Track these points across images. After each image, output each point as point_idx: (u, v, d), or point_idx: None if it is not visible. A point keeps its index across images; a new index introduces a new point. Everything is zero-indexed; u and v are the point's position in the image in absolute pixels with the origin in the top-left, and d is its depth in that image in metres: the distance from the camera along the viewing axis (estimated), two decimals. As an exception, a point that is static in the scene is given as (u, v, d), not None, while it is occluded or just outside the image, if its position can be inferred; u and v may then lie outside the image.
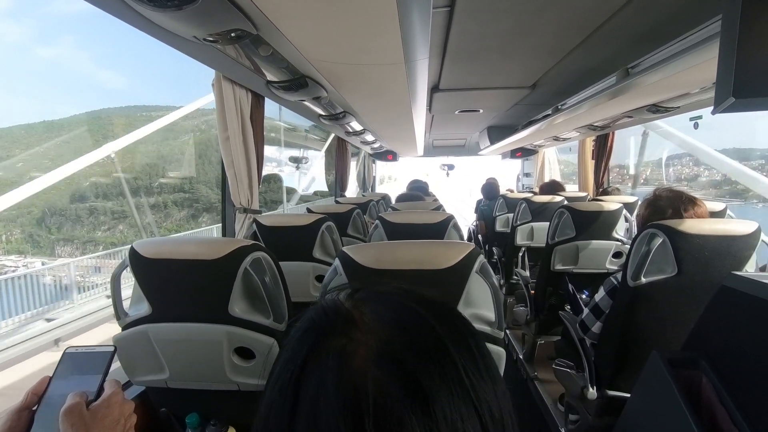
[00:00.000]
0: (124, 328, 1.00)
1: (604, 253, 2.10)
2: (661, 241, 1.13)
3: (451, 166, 6.63)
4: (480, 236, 3.99)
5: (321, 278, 1.59)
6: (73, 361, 0.51)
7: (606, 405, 1.33)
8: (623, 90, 1.64)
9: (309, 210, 2.08)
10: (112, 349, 0.53)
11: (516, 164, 5.90)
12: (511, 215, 3.19)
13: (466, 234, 4.67)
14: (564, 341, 1.68)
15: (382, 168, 7.04)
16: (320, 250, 1.67)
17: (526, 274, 2.68)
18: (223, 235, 1.89)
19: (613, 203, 2.10)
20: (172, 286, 0.96)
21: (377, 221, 1.50)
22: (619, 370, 1.30)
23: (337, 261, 0.83)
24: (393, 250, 0.86)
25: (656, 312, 1.18)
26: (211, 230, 9.79)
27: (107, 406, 0.48)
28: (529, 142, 4.26)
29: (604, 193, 3.15)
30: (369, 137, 3.46)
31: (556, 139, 3.72)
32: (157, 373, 1.03)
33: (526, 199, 2.86)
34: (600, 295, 1.37)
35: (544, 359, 2.28)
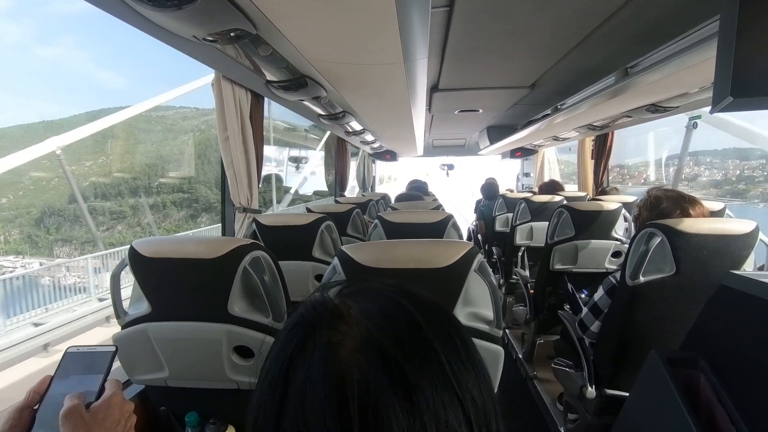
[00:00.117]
0: (123, 327, 1.01)
1: (603, 252, 2.10)
2: (659, 240, 1.13)
3: (451, 166, 6.62)
4: (479, 236, 3.99)
5: (320, 277, 1.60)
6: (74, 361, 0.51)
7: (605, 404, 1.34)
8: (622, 90, 1.64)
9: (308, 209, 2.08)
10: (114, 349, 0.53)
11: (516, 164, 5.90)
12: (510, 215, 3.19)
13: (466, 234, 4.67)
14: (563, 340, 1.68)
15: (382, 168, 7.02)
16: (320, 249, 1.67)
17: (526, 273, 2.68)
18: (223, 235, 1.89)
19: (612, 203, 2.10)
20: (171, 285, 0.97)
21: (376, 220, 1.50)
22: (618, 370, 1.30)
23: (336, 260, 0.83)
24: (391, 249, 0.86)
25: (655, 311, 1.19)
26: (210, 231, 9.71)
27: (107, 407, 0.48)
28: (529, 141, 4.26)
29: (603, 192, 3.15)
30: (369, 137, 3.46)
31: (556, 139, 3.72)
32: (157, 372, 1.03)
33: (526, 199, 2.86)
34: (599, 294, 1.37)
35: (544, 358, 2.28)
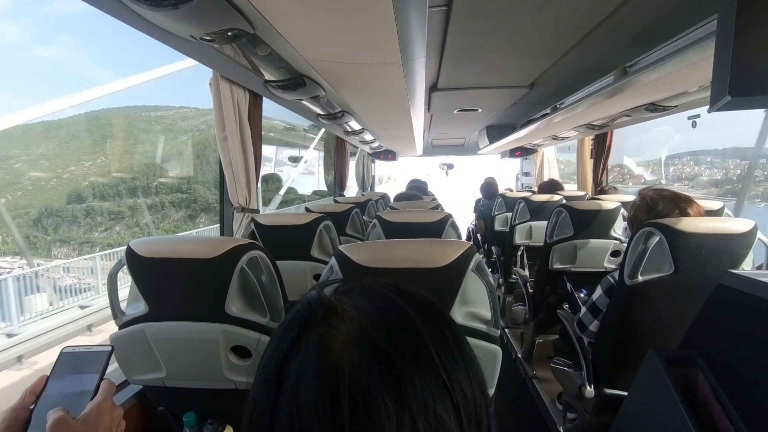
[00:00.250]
0: (120, 327, 1.01)
1: (602, 251, 2.10)
2: (657, 239, 1.13)
3: (451, 166, 6.62)
4: (479, 235, 3.99)
5: (319, 277, 1.59)
6: (69, 361, 0.51)
7: (603, 403, 1.34)
8: (621, 89, 1.64)
9: (307, 209, 2.08)
10: (109, 348, 0.52)
11: (515, 163, 5.90)
12: (509, 214, 3.19)
13: (465, 233, 4.67)
14: (562, 340, 1.68)
15: (382, 168, 7.00)
16: (318, 249, 1.67)
17: (525, 273, 2.68)
18: (222, 234, 1.89)
19: (611, 202, 2.10)
20: (168, 285, 0.96)
21: (375, 220, 1.50)
22: (617, 369, 1.30)
23: (334, 260, 0.83)
24: (389, 249, 0.86)
25: (653, 310, 1.19)
26: (210, 231, 9.62)
27: (97, 414, 0.47)
28: (528, 141, 4.26)
29: (602, 192, 3.15)
30: (368, 136, 3.45)
31: (555, 138, 3.72)
32: (154, 372, 1.03)
33: (525, 199, 2.86)
34: (597, 294, 1.37)
35: (543, 358, 2.28)
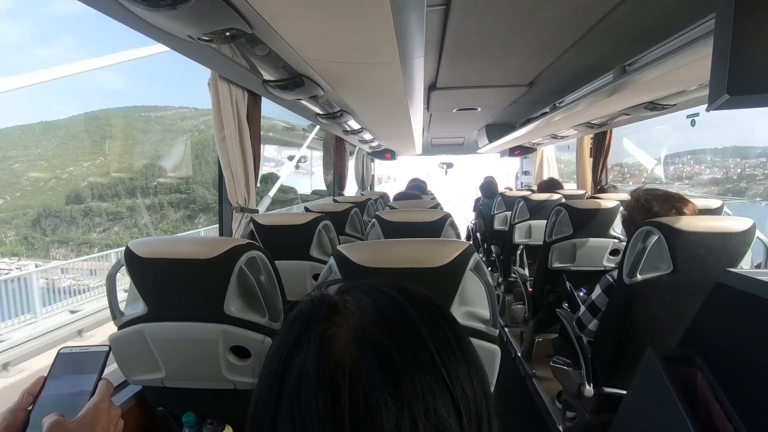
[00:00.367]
0: (119, 328, 1.01)
1: (601, 250, 2.10)
2: (656, 238, 1.13)
3: (450, 165, 6.61)
4: (478, 234, 3.99)
5: (318, 277, 1.59)
6: (67, 361, 0.51)
7: (603, 402, 1.34)
8: (620, 87, 1.64)
9: (307, 209, 2.08)
10: (107, 349, 0.52)
11: (515, 162, 5.90)
12: (509, 213, 3.19)
13: (465, 232, 4.67)
14: (561, 339, 1.68)
15: (382, 168, 6.98)
16: (317, 249, 1.67)
17: (524, 272, 2.68)
18: (221, 234, 1.89)
19: (610, 201, 2.10)
20: (167, 286, 0.96)
21: (374, 220, 1.50)
22: (616, 368, 1.30)
23: (332, 260, 0.83)
24: (388, 249, 0.86)
25: (652, 309, 1.19)
26: (209, 232, 9.53)
27: (93, 414, 0.46)
28: (528, 140, 4.26)
29: (602, 190, 3.15)
30: (367, 136, 3.45)
31: (554, 137, 3.72)
32: (154, 372, 1.03)
33: (524, 197, 2.86)
34: (596, 292, 1.37)
35: (542, 357, 2.28)
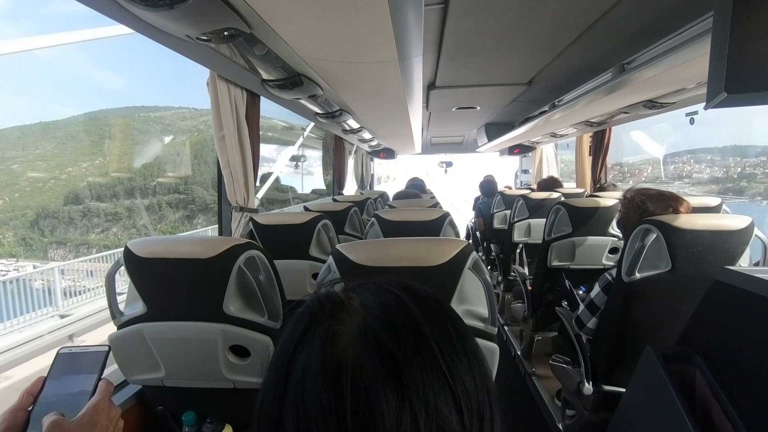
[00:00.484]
0: (119, 328, 1.01)
1: (600, 248, 2.10)
2: (654, 236, 1.13)
3: (450, 164, 6.60)
4: (478, 233, 3.99)
5: (317, 276, 1.59)
6: (67, 362, 0.51)
7: (602, 400, 1.34)
8: (619, 86, 1.64)
9: (306, 208, 2.08)
10: (106, 348, 0.53)
11: (514, 161, 5.90)
12: (508, 212, 3.19)
13: (464, 231, 4.67)
14: (561, 337, 1.68)
15: (381, 167, 6.96)
16: (317, 248, 1.67)
17: (524, 270, 2.68)
18: (220, 234, 1.89)
19: (609, 199, 2.10)
20: (166, 285, 0.96)
21: (373, 219, 1.49)
22: (615, 366, 1.31)
23: (331, 259, 0.83)
24: (386, 248, 0.86)
25: (651, 307, 1.19)
26: (208, 232, 9.49)
27: (93, 414, 0.46)
28: (527, 138, 4.26)
29: (601, 189, 3.15)
30: (366, 135, 3.45)
31: (554, 136, 3.72)
32: (153, 371, 1.03)
33: (524, 196, 2.86)
34: (595, 291, 1.37)
35: (542, 355, 2.28)
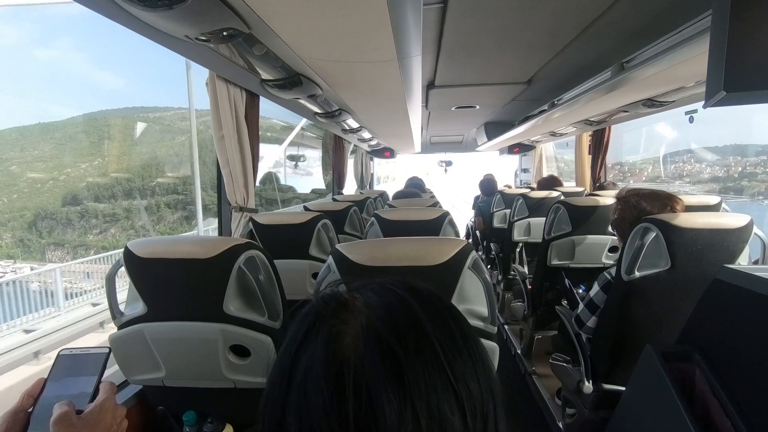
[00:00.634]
0: (119, 328, 1.01)
1: (600, 247, 2.10)
2: (654, 235, 1.13)
3: (449, 163, 6.59)
4: (478, 232, 3.99)
5: (317, 276, 1.59)
6: (67, 363, 0.51)
7: (602, 398, 1.34)
8: (618, 84, 1.64)
9: (306, 208, 2.08)
10: (107, 350, 0.53)
11: (514, 160, 5.89)
12: (508, 211, 3.18)
13: (464, 230, 4.67)
14: (561, 336, 1.69)
15: (381, 167, 6.96)
16: (317, 247, 1.67)
17: (524, 269, 2.69)
18: (220, 234, 1.89)
19: (608, 198, 2.10)
20: (166, 286, 0.97)
21: (373, 218, 1.50)
22: (615, 364, 1.31)
23: (331, 258, 0.83)
24: (385, 247, 0.86)
25: (650, 306, 1.19)
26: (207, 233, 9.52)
27: (99, 412, 0.47)
28: (526, 137, 4.26)
29: (601, 188, 3.15)
30: (366, 134, 3.45)
31: (553, 135, 3.72)
32: (154, 371, 1.03)
33: (523, 195, 2.86)
34: (594, 290, 1.37)
35: (542, 354, 2.29)
